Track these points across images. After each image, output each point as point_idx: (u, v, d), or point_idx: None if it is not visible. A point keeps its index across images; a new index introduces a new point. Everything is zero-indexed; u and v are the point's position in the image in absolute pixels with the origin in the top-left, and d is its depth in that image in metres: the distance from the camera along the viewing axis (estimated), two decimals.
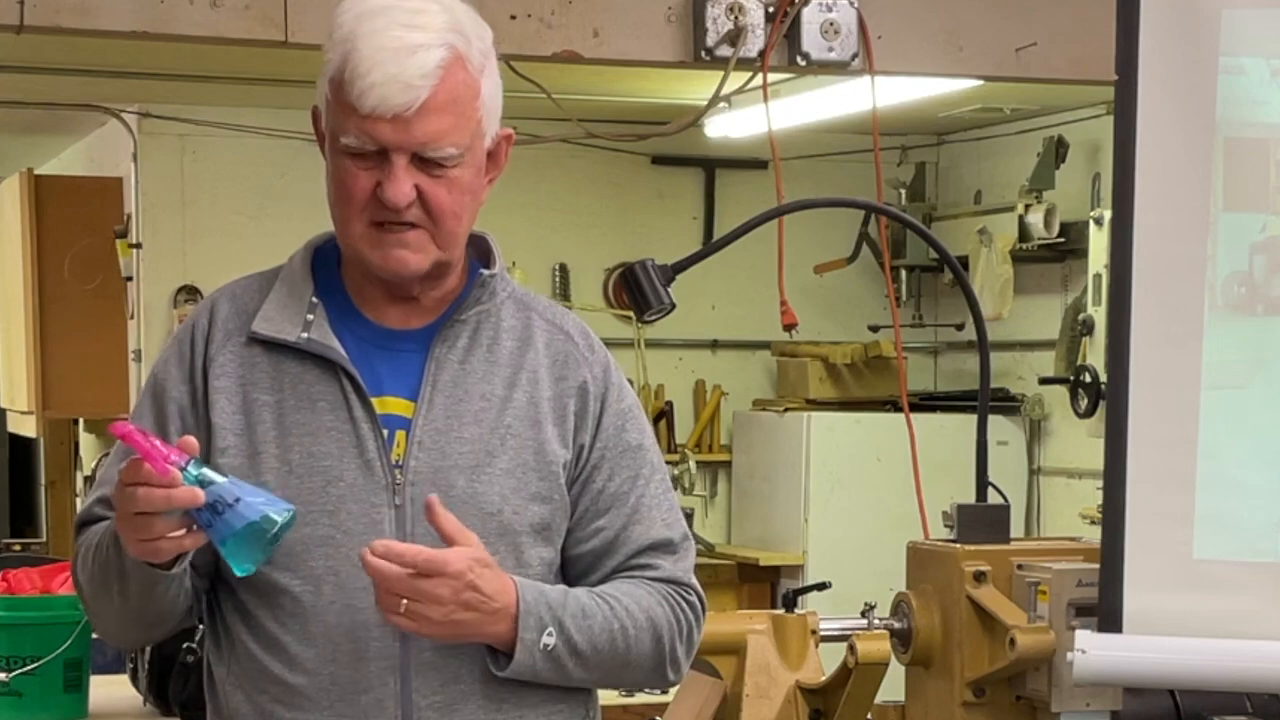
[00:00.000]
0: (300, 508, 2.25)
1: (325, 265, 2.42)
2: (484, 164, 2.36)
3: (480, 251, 2.46)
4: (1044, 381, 7.52)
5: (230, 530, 2.16)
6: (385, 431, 2.34)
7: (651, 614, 2.39)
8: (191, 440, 2.18)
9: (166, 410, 2.38)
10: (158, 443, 2.15)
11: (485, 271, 2.42)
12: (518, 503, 2.35)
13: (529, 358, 2.41)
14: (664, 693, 3.96)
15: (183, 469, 2.15)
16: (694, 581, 2.47)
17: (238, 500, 2.15)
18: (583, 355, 2.44)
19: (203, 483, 2.15)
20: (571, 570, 2.42)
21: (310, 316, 2.37)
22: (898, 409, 7.84)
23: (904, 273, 8.25)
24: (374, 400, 2.35)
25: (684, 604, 2.44)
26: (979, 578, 3.04)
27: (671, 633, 2.41)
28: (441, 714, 2.33)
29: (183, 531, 2.17)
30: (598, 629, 2.34)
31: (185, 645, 3.95)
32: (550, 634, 2.30)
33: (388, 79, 2.24)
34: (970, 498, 3.24)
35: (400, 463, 2.33)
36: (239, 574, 2.21)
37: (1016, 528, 3.49)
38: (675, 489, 2.56)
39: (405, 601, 2.21)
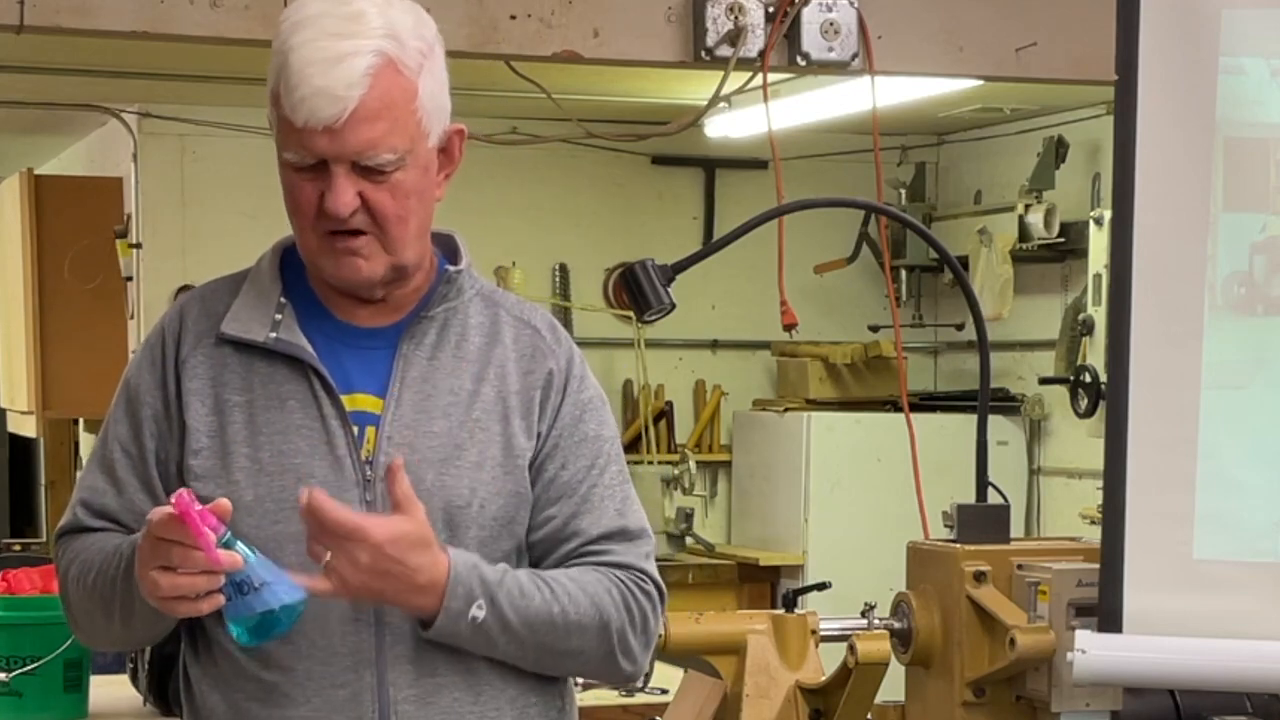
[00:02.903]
0: (272, 505, 2.30)
1: (294, 265, 2.42)
2: (432, 163, 2.36)
3: (448, 249, 2.47)
4: (1044, 381, 7.53)
5: (249, 610, 2.20)
6: (355, 428, 2.35)
7: (598, 600, 2.37)
8: (226, 504, 2.19)
9: (140, 416, 2.40)
10: (200, 509, 2.16)
11: (451, 268, 2.43)
12: (485, 496, 2.36)
13: (497, 353, 2.42)
14: (664, 692, 3.96)
15: (222, 538, 2.17)
16: (651, 569, 2.44)
17: (263, 585, 2.19)
18: (549, 347, 2.45)
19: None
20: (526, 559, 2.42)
21: (278, 316, 2.38)
22: (898, 409, 7.84)
23: (904, 273, 8.25)
24: (343, 398, 2.36)
25: (638, 591, 2.41)
26: (979, 578, 3.04)
27: (622, 621, 2.39)
28: (418, 706, 2.34)
29: (210, 594, 2.19)
30: (535, 609, 2.33)
31: None
32: (480, 607, 2.29)
33: (315, 92, 2.24)
34: (970, 498, 3.23)
35: (370, 459, 2.35)
36: (240, 643, 2.24)
37: (1016, 528, 3.49)
38: (675, 489, 2.57)
39: (328, 555, 2.22)
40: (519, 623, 2.32)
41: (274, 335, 2.37)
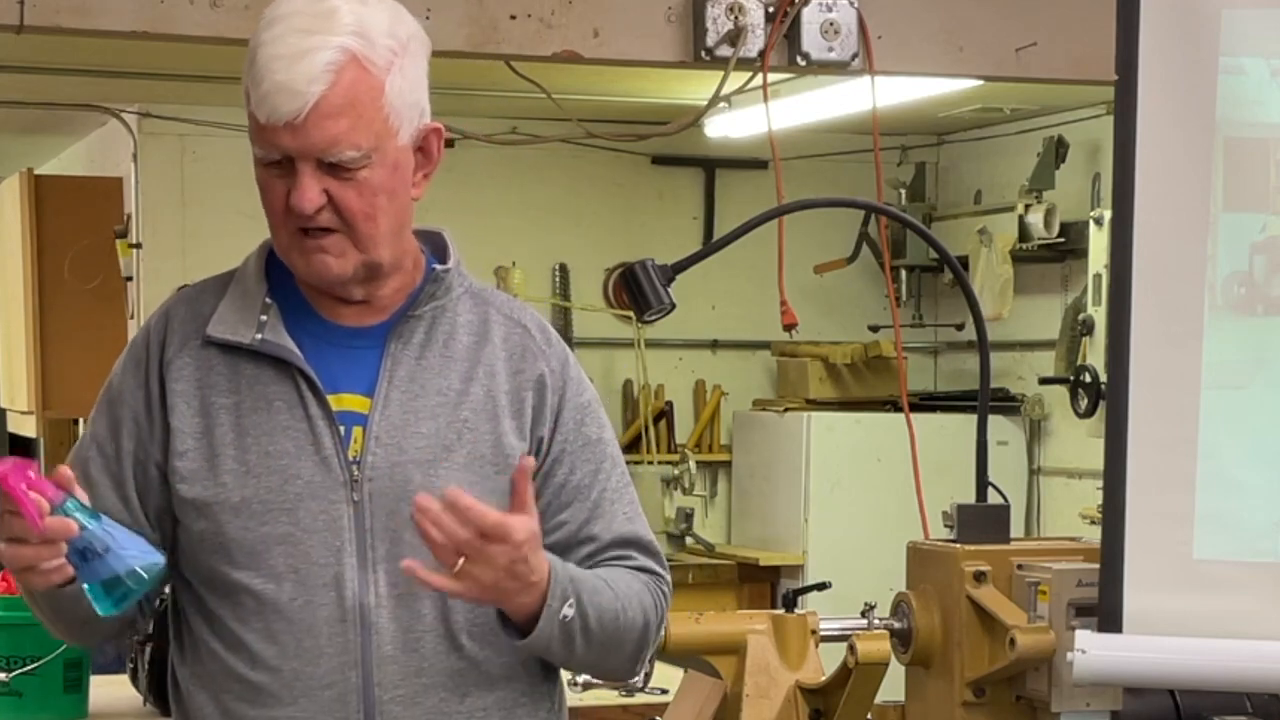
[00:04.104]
0: (259, 507, 2.31)
1: (279, 265, 2.42)
2: (404, 161, 2.34)
3: (437, 248, 2.47)
4: (1044, 381, 7.53)
5: (96, 577, 2.20)
6: (342, 428, 2.35)
7: (642, 601, 2.42)
8: (66, 472, 2.19)
9: (120, 416, 2.40)
10: (35, 477, 2.15)
11: (439, 267, 2.43)
12: (476, 496, 2.32)
13: (486, 352, 2.41)
14: (664, 692, 3.96)
15: (59, 506, 2.16)
16: (667, 576, 2.50)
17: (107, 550, 2.19)
18: (540, 349, 2.45)
19: (78, 523, 2.18)
20: None
21: (264, 318, 2.38)
22: (898, 409, 7.84)
23: (904, 273, 8.25)
24: (330, 398, 2.36)
25: (661, 595, 2.46)
26: (979, 578, 3.04)
27: (652, 622, 2.44)
28: (404, 707, 2.34)
29: (55, 564, 2.19)
30: (605, 606, 2.36)
31: None
32: (571, 605, 2.31)
33: (277, 87, 2.25)
34: (970, 498, 3.23)
35: (358, 459, 2.34)
36: (100, 613, 2.23)
37: (1016, 528, 3.49)
38: (675, 489, 2.58)
39: (463, 560, 2.20)
40: (594, 619, 2.34)
41: (260, 336, 2.36)
